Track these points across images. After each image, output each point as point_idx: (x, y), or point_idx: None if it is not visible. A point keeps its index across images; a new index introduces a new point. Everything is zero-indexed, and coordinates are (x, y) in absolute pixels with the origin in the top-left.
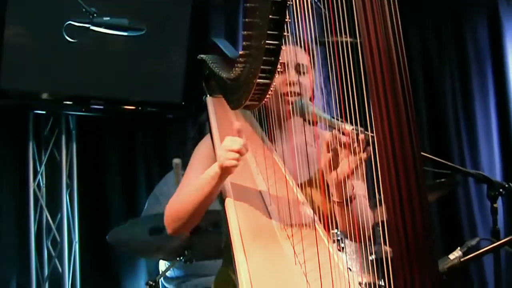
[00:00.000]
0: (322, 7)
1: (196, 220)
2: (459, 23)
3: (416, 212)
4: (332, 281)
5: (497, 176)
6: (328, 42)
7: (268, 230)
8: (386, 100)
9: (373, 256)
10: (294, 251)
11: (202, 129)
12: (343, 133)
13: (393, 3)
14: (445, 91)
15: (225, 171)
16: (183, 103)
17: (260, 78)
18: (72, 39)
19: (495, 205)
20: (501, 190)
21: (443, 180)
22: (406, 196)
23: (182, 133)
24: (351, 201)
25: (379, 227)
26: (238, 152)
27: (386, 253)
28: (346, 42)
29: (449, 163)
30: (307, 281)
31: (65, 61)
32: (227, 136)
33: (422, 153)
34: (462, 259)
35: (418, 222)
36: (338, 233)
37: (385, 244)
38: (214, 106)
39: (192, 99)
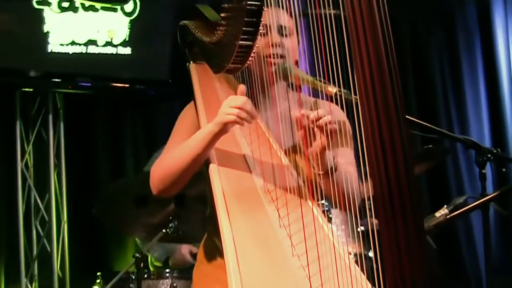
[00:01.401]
0: None
1: (185, 180)
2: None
3: (400, 165)
4: (317, 242)
5: (486, 143)
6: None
7: (252, 193)
8: (369, 61)
9: (362, 228)
10: (279, 214)
11: None
12: (327, 96)
13: None
14: (432, 58)
15: (223, 128)
16: (170, 80)
17: (242, 40)
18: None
19: (483, 171)
20: (489, 155)
21: (431, 146)
22: (390, 151)
23: (169, 110)
24: (333, 172)
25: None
26: (240, 108)
27: (374, 225)
28: (331, 14)
29: (436, 128)
30: (292, 243)
31: (49, 38)
32: (230, 96)
33: (410, 117)
34: (448, 216)
35: (402, 174)
36: (325, 203)
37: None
38: (197, 72)
39: (180, 76)
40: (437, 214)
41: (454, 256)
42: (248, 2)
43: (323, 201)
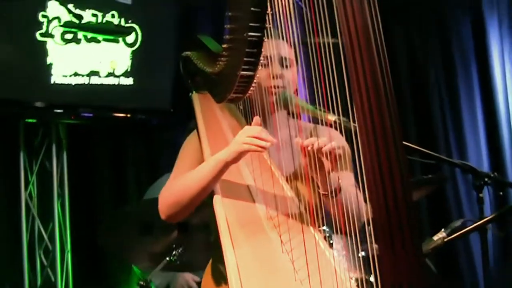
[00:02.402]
0: (303, 5)
1: (194, 206)
2: (443, 17)
3: (398, 190)
4: (319, 267)
5: (485, 167)
6: (311, 43)
7: (255, 220)
8: (367, 89)
9: (363, 253)
10: (281, 240)
11: None
12: (326, 124)
13: (373, 2)
14: (431, 84)
15: (237, 157)
16: (172, 110)
17: (244, 70)
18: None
19: (480, 194)
20: (486, 179)
21: (430, 176)
22: (388, 176)
23: (172, 140)
24: (337, 193)
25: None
26: (257, 137)
27: (374, 250)
28: (329, 43)
29: (434, 154)
30: (294, 268)
31: (52, 70)
32: (246, 126)
33: (409, 144)
34: (446, 240)
35: (399, 199)
36: (327, 229)
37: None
38: (200, 101)
39: (182, 106)
40: (435, 238)
41: (454, 277)
42: (249, 34)
43: (324, 227)
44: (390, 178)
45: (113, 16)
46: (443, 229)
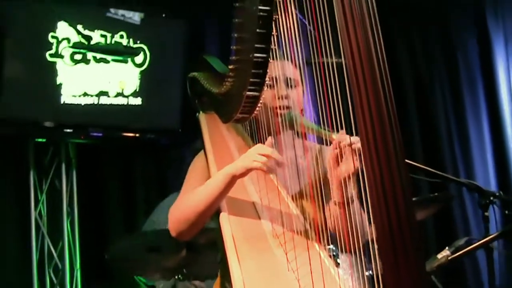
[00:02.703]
0: (307, 23)
1: (203, 222)
2: (448, 36)
3: (401, 208)
4: (324, 285)
5: (492, 186)
6: (315, 63)
7: (261, 238)
8: (369, 109)
9: (370, 272)
10: (287, 258)
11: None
12: (331, 143)
13: (375, 22)
14: (437, 103)
15: (245, 173)
16: (180, 129)
17: (250, 90)
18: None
19: (486, 213)
20: (492, 198)
21: (436, 194)
22: (391, 195)
23: (180, 158)
24: (352, 202)
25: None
26: (268, 156)
27: (378, 269)
28: (333, 63)
29: (440, 173)
30: (299, 286)
31: (62, 90)
32: (258, 144)
33: (415, 164)
34: (450, 258)
35: (402, 217)
36: (333, 248)
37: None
38: (207, 121)
39: (190, 125)
40: (439, 256)
41: None
42: (255, 55)
43: (331, 246)
44: (393, 197)
45: (121, 36)
46: (447, 247)
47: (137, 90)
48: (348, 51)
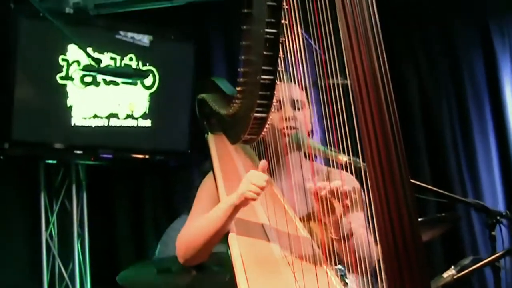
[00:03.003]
0: (313, 43)
1: (209, 250)
2: (455, 56)
3: (406, 228)
4: None
5: (500, 205)
6: (322, 84)
7: (269, 258)
8: (374, 129)
9: None
10: (295, 277)
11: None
12: (339, 163)
13: (379, 42)
14: (443, 121)
15: (243, 202)
16: (189, 151)
17: (257, 112)
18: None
19: (493, 232)
20: (498, 218)
21: (443, 214)
22: (396, 215)
23: (189, 180)
24: (349, 238)
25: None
26: (261, 187)
27: None
28: (339, 84)
29: (446, 193)
30: None
31: (72, 112)
32: (252, 170)
33: (420, 183)
34: (455, 277)
35: (408, 237)
36: (342, 268)
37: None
38: (215, 143)
39: (199, 147)
40: (445, 275)
41: None
42: (262, 77)
43: (339, 266)
44: (398, 217)
45: (131, 59)
46: (452, 267)
47: (147, 112)
48: (353, 72)
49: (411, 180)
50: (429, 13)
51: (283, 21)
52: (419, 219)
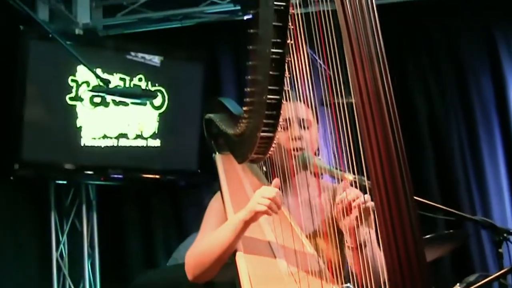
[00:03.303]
0: (319, 59)
1: (218, 266)
2: (463, 76)
3: (409, 245)
4: None
5: (509, 222)
6: (328, 103)
7: (276, 276)
8: (378, 148)
9: None
10: None
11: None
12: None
13: (383, 63)
14: (452, 141)
15: (253, 216)
16: (199, 170)
17: (264, 131)
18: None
19: (500, 250)
20: (505, 235)
21: (452, 231)
22: (400, 232)
23: (199, 199)
24: (364, 246)
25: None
26: (271, 199)
27: None
28: (346, 103)
29: (453, 210)
30: None
31: (82, 132)
32: (263, 186)
33: (426, 201)
34: None
35: (411, 254)
36: (350, 286)
37: None
38: (223, 162)
39: (208, 166)
40: None
41: None
42: (268, 96)
43: (348, 285)
44: (402, 235)
45: (140, 79)
46: (458, 284)
47: (156, 132)
48: (357, 91)
49: (419, 199)
50: (437, 30)
51: (289, 41)
52: (428, 236)
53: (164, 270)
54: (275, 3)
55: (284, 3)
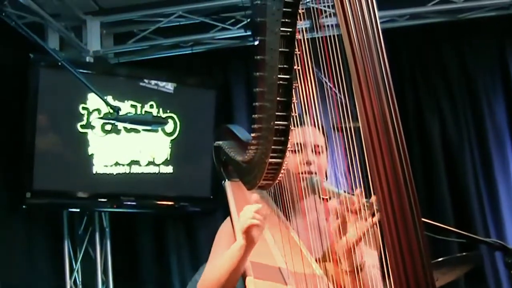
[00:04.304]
0: (326, 80)
1: None
2: (476, 97)
3: (418, 267)
4: None
5: None
6: (337, 127)
7: None
8: (385, 172)
9: None
10: None
11: None
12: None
13: (389, 87)
14: (466, 163)
15: (247, 238)
16: (211, 196)
17: (272, 157)
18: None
19: None
20: None
21: (465, 254)
22: (408, 255)
23: (212, 225)
24: (361, 270)
25: None
26: (257, 212)
27: None
28: (353, 127)
29: (463, 232)
30: None
31: (94, 160)
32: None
33: (436, 223)
34: None
35: (420, 276)
36: None
37: None
38: (232, 189)
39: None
40: None
41: None
42: (276, 122)
43: None
44: (410, 257)
45: (151, 106)
46: None
47: (168, 158)
48: (363, 116)
49: (430, 221)
50: (449, 51)
51: (295, 67)
52: (440, 259)
53: None
54: (281, 29)
55: (290, 29)
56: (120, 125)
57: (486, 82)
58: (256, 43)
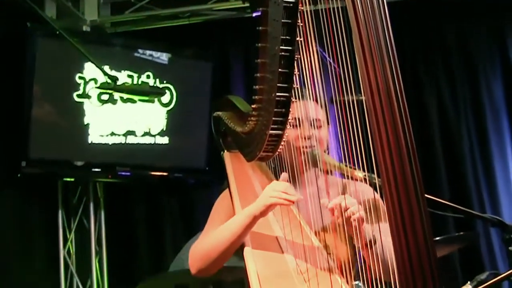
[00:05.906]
0: (328, 57)
1: (224, 260)
2: (474, 77)
3: (420, 241)
4: None
5: None
6: (339, 101)
7: (285, 275)
8: (389, 146)
9: None
10: None
11: None
12: (355, 179)
13: (393, 59)
14: (463, 143)
15: (265, 210)
16: (207, 168)
17: (273, 129)
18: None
19: (510, 248)
20: None
21: (462, 233)
22: (410, 228)
23: (207, 197)
24: (374, 242)
25: None
26: (283, 192)
27: None
28: (356, 100)
29: (462, 208)
30: None
31: (89, 130)
32: (274, 181)
33: (436, 198)
34: None
35: (422, 250)
36: (360, 284)
37: None
38: (231, 160)
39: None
40: None
41: None
42: (277, 94)
43: (357, 282)
44: (413, 232)
45: (148, 76)
46: (469, 282)
47: (164, 129)
48: (367, 88)
49: (429, 196)
50: (450, 31)
51: (298, 38)
52: (438, 238)
53: (171, 274)
54: (284, 0)
55: (293, 0)
56: (117, 95)
57: (485, 63)
58: (257, 14)
